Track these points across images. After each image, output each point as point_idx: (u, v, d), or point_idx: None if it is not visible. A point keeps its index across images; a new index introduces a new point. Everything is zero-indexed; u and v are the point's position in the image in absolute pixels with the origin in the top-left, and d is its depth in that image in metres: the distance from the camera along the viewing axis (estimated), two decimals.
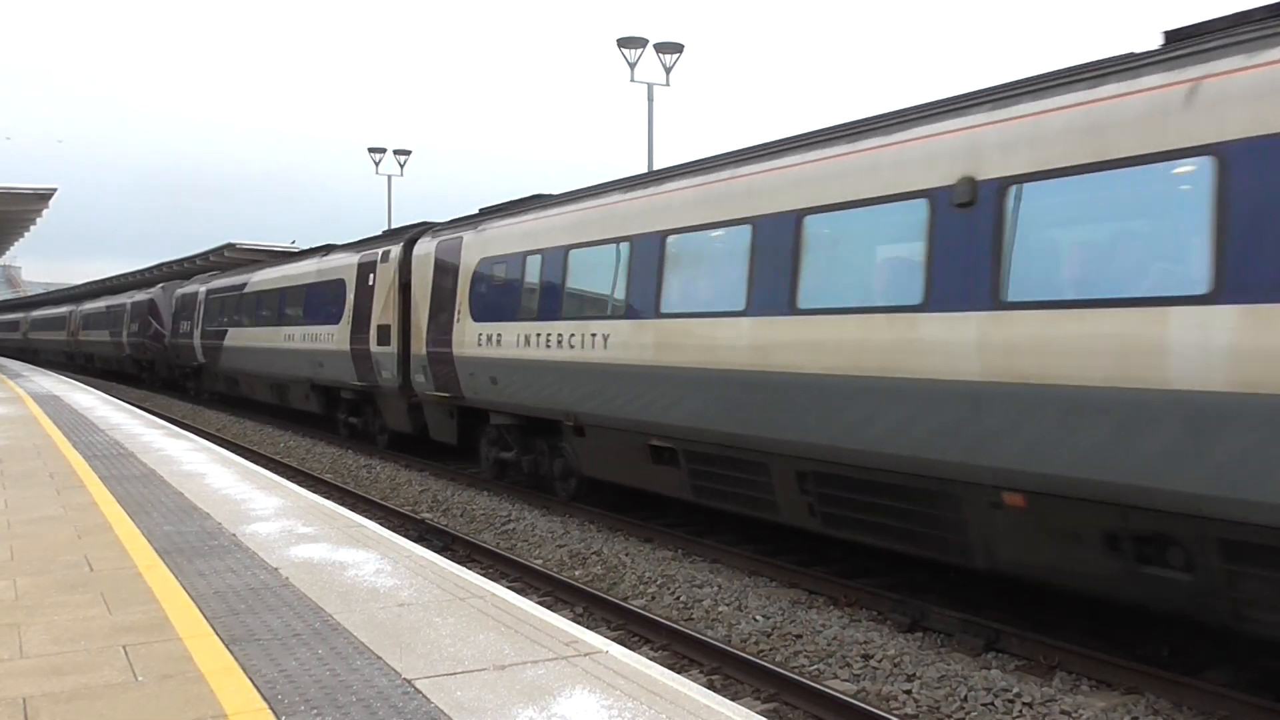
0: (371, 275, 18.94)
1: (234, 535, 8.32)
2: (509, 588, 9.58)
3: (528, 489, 15.00)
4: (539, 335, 13.32)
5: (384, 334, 18.13)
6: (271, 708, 4.53)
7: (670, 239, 11.19)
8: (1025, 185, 7.50)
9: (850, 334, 8.77)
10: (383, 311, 18.25)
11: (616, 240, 12.06)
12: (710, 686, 7.24)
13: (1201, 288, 6.35)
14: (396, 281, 17.78)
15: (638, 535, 12.32)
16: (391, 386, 18.13)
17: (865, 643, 8.17)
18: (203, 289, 32.52)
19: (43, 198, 24.91)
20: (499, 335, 14.32)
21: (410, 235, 18.14)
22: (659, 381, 11.09)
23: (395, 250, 18.16)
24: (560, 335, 12.89)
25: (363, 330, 19.13)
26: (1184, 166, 6.58)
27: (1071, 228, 7.46)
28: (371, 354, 18.73)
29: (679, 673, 6.62)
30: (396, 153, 41.97)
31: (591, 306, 12.48)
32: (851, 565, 10.46)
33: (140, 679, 4.92)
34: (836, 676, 7.66)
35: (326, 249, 23.29)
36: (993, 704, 6.95)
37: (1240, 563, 6.37)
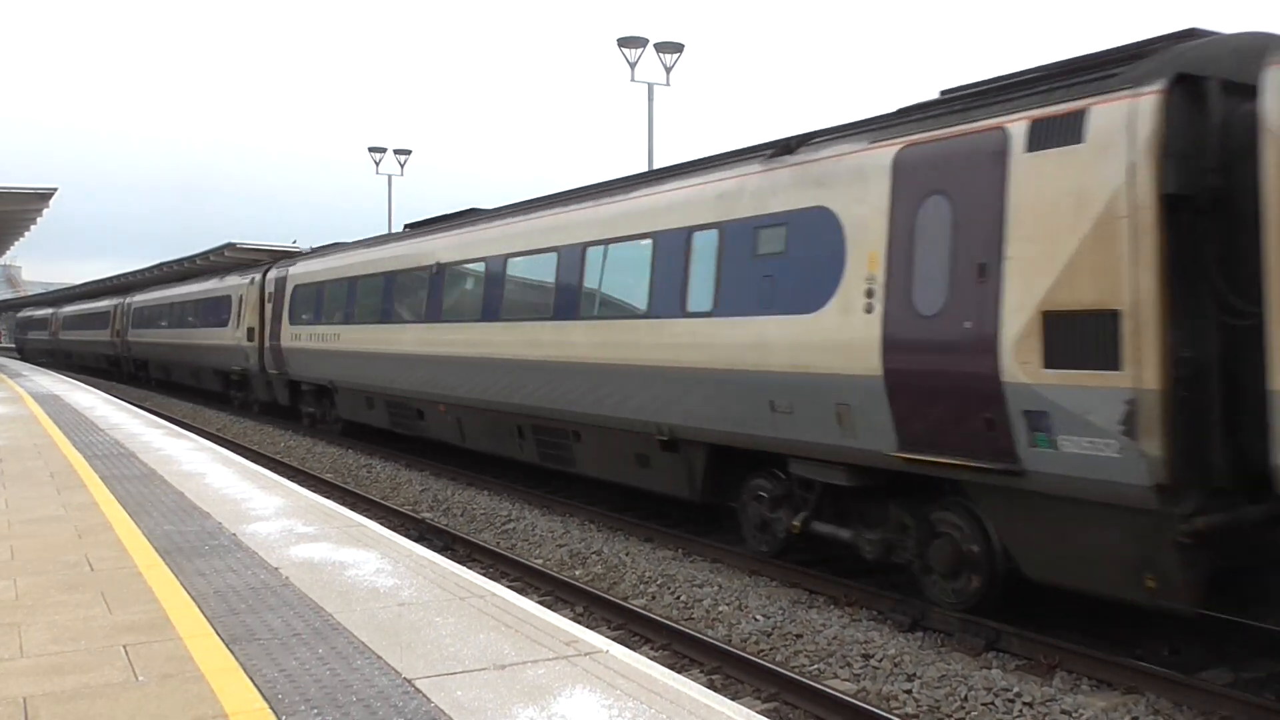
0: (244, 292, 27.68)
1: (234, 535, 8.33)
2: (509, 587, 9.58)
3: (525, 487, 15.21)
4: (318, 334, 21.69)
5: (250, 334, 26.81)
6: (272, 707, 4.54)
7: (358, 278, 19.86)
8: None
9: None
10: (249, 317, 26.88)
11: (352, 278, 20.19)
12: (710, 686, 7.25)
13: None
14: (259, 296, 26.28)
15: (638, 535, 12.32)
16: (255, 369, 26.79)
17: (865, 642, 8.17)
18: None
19: (43, 197, 24.83)
20: (302, 333, 22.89)
21: (266, 266, 26.75)
22: (374, 361, 18.77)
23: (258, 276, 26.52)
24: (324, 334, 21.32)
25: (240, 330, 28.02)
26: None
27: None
28: (242, 347, 27.52)
29: (679, 672, 6.62)
30: (397, 152, 41.99)
31: (338, 316, 20.68)
32: (852, 565, 10.45)
33: (140, 678, 4.92)
34: (837, 676, 7.66)
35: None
36: (993, 704, 6.95)
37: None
